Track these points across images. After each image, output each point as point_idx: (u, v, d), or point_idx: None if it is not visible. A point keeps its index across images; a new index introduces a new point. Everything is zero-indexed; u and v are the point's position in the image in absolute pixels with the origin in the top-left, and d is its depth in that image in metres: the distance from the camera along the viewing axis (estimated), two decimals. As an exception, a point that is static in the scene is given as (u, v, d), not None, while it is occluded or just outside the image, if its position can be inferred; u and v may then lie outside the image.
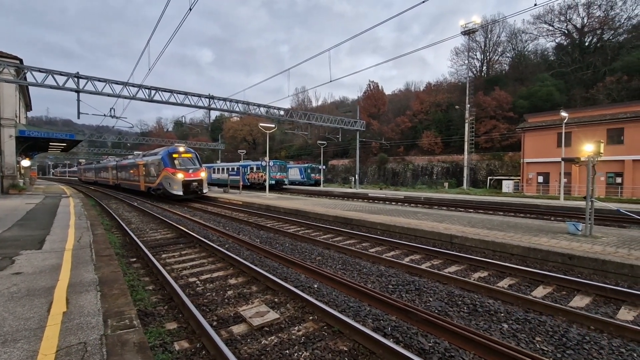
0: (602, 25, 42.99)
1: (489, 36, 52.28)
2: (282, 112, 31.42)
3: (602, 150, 8.54)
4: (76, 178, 70.46)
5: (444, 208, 18.10)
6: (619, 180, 27.14)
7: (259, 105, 29.32)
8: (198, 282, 6.16)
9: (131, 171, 28.13)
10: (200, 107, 26.27)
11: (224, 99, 27.05)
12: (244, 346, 3.87)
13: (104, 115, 24.37)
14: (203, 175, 21.91)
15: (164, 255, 8.05)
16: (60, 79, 20.34)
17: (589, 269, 6.46)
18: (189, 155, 22.79)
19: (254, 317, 4.53)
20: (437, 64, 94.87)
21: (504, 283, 6.09)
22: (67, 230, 8.69)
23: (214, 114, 78.26)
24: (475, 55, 53.21)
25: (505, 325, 4.36)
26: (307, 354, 3.70)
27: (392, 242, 9.04)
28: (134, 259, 7.69)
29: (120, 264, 6.83)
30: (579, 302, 5.20)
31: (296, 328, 4.29)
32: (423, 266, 6.99)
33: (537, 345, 3.89)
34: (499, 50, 53.72)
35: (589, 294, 5.45)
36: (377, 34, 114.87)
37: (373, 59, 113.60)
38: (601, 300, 5.29)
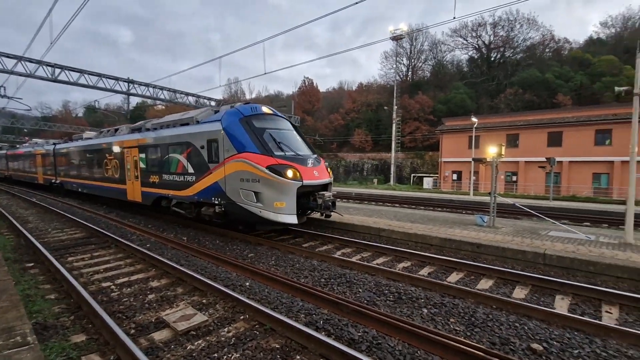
0: (504, 44, 49.67)
1: (414, 44, 56.43)
2: (213, 103, 29.85)
3: (503, 153, 9.85)
4: None
5: (374, 203, 19.12)
6: (514, 178, 31.73)
7: (187, 94, 27.44)
8: (113, 286, 5.53)
9: (106, 161, 14.26)
10: (117, 92, 23.58)
11: (147, 85, 24.70)
12: (166, 354, 3.57)
13: (-10, 93, 20.41)
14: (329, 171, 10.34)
15: (70, 259, 7.05)
16: None
17: (493, 256, 7.40)
18: (286, 125, 10.13)
19: (179, 321, 4.22)
20: (369, 65, 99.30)
21: (424, 271, 6.65)
22: None
23: (134, 100, 71.00)
24: (402, 60, 57.06)
25: (425, 310, 4.76)
26: (238, 355, 3.57)
27: (324, 236, 9.23)
28: (31, 264, 6.60)
29: (12, 270, 5.81)
30: (484, 284, 5.92)
31: (226, 329, 4.11)
32: (354, 259, 7.27)
33: (452, 326, 4.32)
34: (422, 57, 58.38)
35: (492, 277, 6.25)
36: (313, 32, 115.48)
37: (308, 56, 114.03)
38: (501, 282, 6.10)
